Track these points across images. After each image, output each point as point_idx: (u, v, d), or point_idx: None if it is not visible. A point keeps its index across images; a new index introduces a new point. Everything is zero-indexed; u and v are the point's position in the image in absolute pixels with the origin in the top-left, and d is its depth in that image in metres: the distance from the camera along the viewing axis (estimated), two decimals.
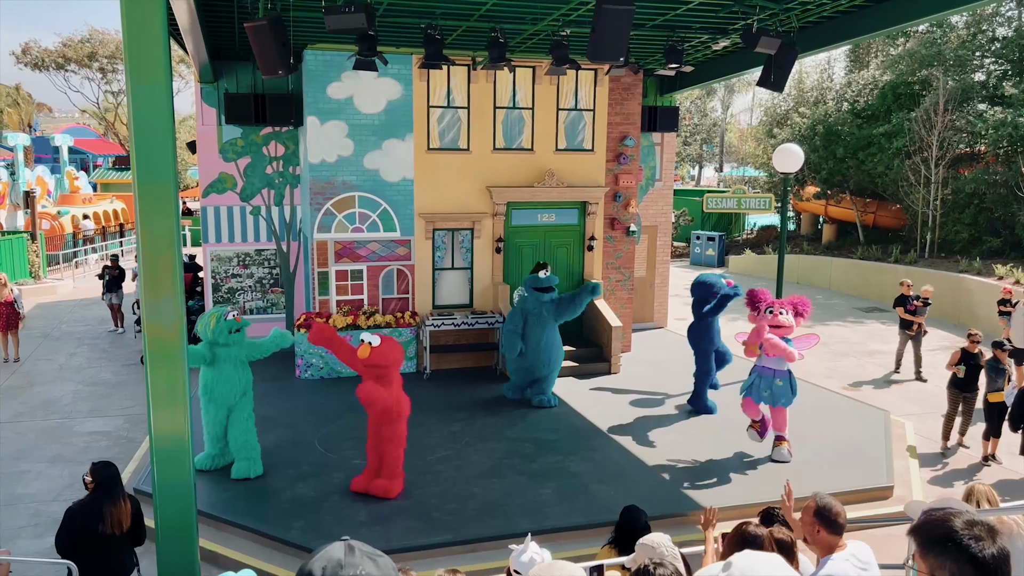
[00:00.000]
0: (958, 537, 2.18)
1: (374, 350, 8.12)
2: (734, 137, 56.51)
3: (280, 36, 8.50)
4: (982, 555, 2.14)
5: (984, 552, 2.14)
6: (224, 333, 8.77)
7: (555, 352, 11.69)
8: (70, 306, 20.61)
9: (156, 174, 5.11)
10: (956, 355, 10.75)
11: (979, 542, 2.16)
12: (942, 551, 2.20)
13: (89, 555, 5.54)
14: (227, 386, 8.87)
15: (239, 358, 8.95)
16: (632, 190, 14.74)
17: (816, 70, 30.87)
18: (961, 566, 2.15)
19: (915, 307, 13.89)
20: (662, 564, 3.24)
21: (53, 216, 28.95)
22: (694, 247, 30.36)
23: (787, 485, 4.77)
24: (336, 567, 1.77)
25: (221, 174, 14.10)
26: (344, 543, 1.85)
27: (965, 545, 2.16)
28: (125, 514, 5.60)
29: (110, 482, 5.61)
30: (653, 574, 3.18)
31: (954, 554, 2.17)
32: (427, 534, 7.79)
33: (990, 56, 23.81)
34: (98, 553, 5.56)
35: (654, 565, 3.24)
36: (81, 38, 49.62)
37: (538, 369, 11.66)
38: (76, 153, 44.36)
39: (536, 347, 11.57)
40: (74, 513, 5.60)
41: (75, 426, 11.30)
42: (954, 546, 2.17)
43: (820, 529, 4.05)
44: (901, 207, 24.34)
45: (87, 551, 5.54)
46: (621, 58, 8.76)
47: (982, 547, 2.15)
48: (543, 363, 11.61)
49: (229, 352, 8.86)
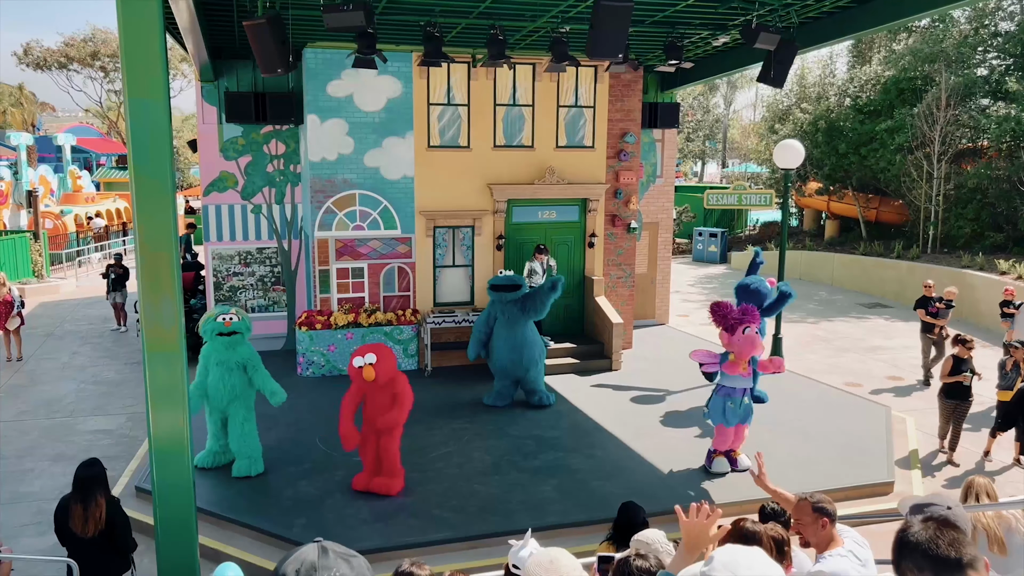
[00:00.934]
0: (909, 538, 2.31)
1: (377, 366, 8.07)
2: (737, 133, 56.41)
3: (279, 35, 8.51)
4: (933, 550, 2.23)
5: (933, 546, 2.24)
6: (208, 333, 8.68)
7: (529, 351, 11.29)
8: (73, 305, 20.67)
9: (153, 173, 5.13)
10: (948, 363, 10.16)
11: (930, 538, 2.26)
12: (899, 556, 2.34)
13: (69, 551, 5.60)
14: (215, 390, 8.83)
15: (229, 363, 8.76)
16: (633, 187, 14.73)
17: (818, 65, 30.79)
18: (916, 561, 2.26)
19: (937, 309, 13.18)
20: (643, 556, 3.23)
21: (56, 215, 29.02)
22: (696, 243, 30.34)
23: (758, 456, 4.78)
24: (310, 569, 1.76)
25: (222, 172, 14.12)
26: (317, 544, 1.84)
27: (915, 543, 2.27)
28: (89, 519, 5.48)
29: (78, 483, 5.56)
30: (632, 565, 3.16)
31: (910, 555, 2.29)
32: (428, 531, 7.81)
33: (993, 51, 23.74)
34: (73, 551, 5.58)
35: (635, 556, 3.22)
36: (84, 37, 49.70)
37: (515, 370, 11.37)
38: (79, 152, 44.42)
39: (508, 347, 11.26)
40: (58, 506, 5.67)
41: (77, 424, 11.34)
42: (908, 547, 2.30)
43: (825, 523, 4.07)
44: (903, 203, 24.29)
45: (67, 546, 5.61)
46: (620, 55, 8.77)
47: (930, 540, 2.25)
48: (516, 363, 11.29)
49: (219, 355, 8.74)
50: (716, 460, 9.20)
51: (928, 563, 2.22)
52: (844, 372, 14.25)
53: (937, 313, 13.17)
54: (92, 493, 5.53)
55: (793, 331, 16.78)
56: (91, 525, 5.50)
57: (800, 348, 15.76)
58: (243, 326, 8.87)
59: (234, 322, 8.79)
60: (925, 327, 13.36)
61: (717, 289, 23.38)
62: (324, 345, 12.81)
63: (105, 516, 5.55)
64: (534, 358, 11.38)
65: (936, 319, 13.16)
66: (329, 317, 12.85)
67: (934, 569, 2.21)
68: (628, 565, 3.15)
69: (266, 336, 14.43)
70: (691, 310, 19.64)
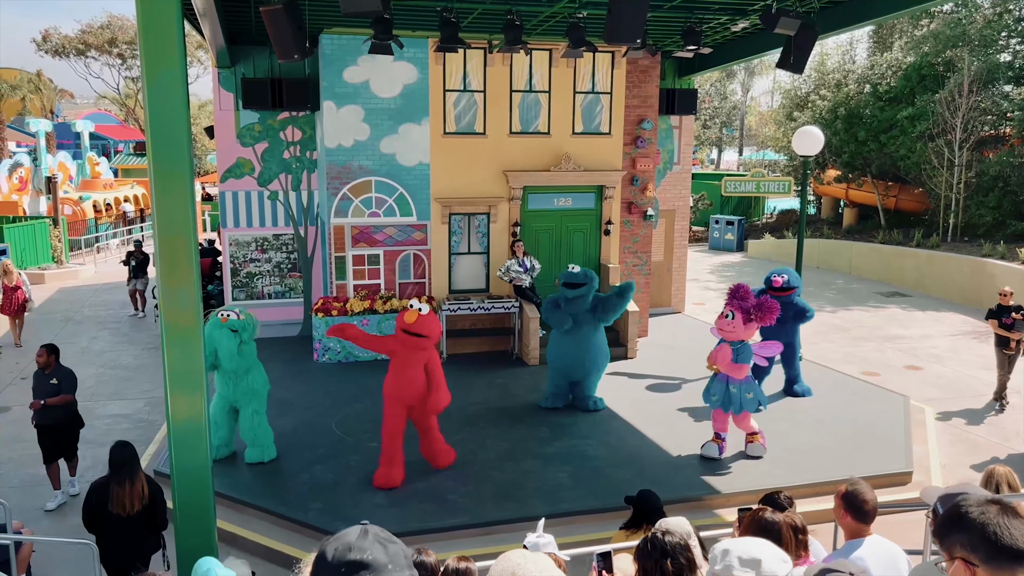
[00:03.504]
0: (970, 514, 2.20)
1: (421, 317, 8.13)
2: (754, 120, 55.93)
3: (296, 20, 8.49)
4: (997, 534, 2.14)
5: (998, 530, 2.15)
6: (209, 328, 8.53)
7: (593, 355, 10.74)
8: (92, 290, 20.85)
9: (172, 160, 5.14)
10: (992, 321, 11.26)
11: (997, 522, 2.16)
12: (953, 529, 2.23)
13: (103, 533, 5.78)
14: (219, 383, 8.96)
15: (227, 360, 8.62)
16: (649, 174, 14.64)
17: (837, 52, 30.43)
18: (971, 537, 2.17)
19: (1012, 320, 11.41)
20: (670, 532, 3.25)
21: (75, 202, 29.25)
22: (713, 231, 30.15)
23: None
24: (345, 550, 1.82)
25: (239, 159, 14.16)
26: (361, 527, 1.89)
27: (978, 523, 2.17)
28: (134, 496, 5.69)
29: (119, 463, 5.74)
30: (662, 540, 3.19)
31: (967, 530, 2.19)
32: (443, 517, 7.83)
33: (1016, 36, 23.35)
34: (110, 532, 5.75)
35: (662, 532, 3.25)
36: (101, 24, 49.91)
37: (573, 372, 10.80)
38: (97, 139, 44.68)
39: (572, 348, 10.68)
40: (91, 491, 5.84)
41: (97, 409, 11.45)
42: (966, 522, 2.20)
43: (845, 514, 4.03)
44: (924, 190, 24.00)
45: (100, 529, 5.78)
46: (638, 40, 8.71)
47: (997, 525, 2.16)
48: (578, 365, 10.72)
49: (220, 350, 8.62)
50: (707, 445, 9.25)
51: (985, 545, 2.14)
52: (861, 361, 14.15)
53: (1013, 325, 11.37)
54: (134, 470, 5.75)
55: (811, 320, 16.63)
56: (136, 502, 5.69)
57: (817, 337, 15.66)
58: (239, 324, 8.66)
59: (230, 319, 8.67)
60: (1000, 341, 11.60)
61: (734, 277, 23.23)
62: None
63: (148, 491, 5.78)
64: (598, 363, 10.89)
65: (1011, 332, 11.37)
66: (345, 304, 12.88)
67: (991, 552, 2.13)
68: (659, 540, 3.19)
69: (283, 322, 14.51)
70: (707, 298, 19.55)
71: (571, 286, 10.52)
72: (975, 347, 15.11)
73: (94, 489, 5.82)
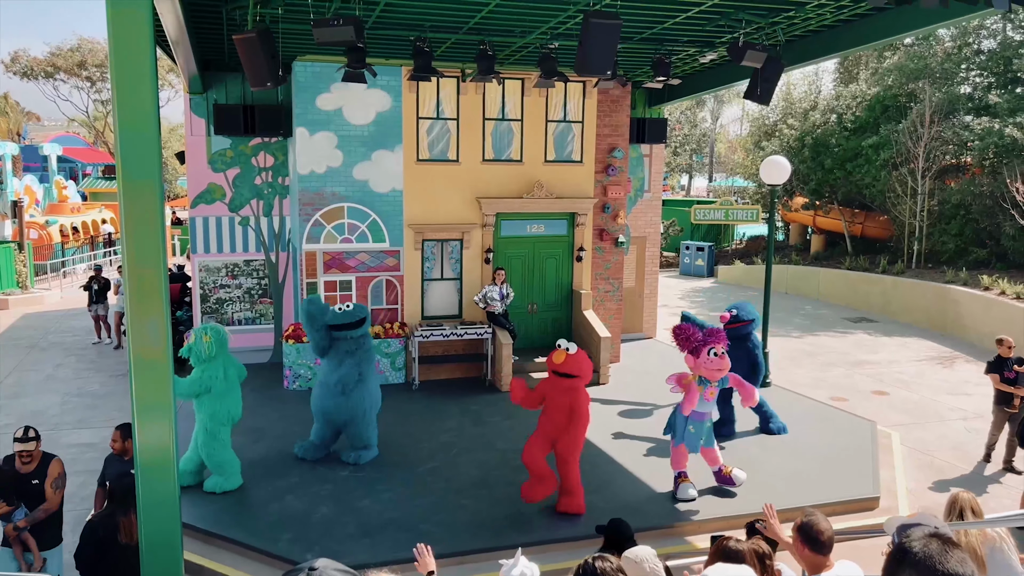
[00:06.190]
0: (913, 551, 2.25)
1: (570, 357, 8.11)
2: (723, 148, 56.80)
3: (269, 48, 8.52)
4: (942, 565, 2.19)
5: (942, 560, 2.19)
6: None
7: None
8: (57, 316, 20.50)
9: (142, 185, 5.11)
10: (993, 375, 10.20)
11: (938, 553, 2.21)
12: (898, 568, 2.28)
13: (111, 566, 5.68)
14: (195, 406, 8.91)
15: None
16: (621, 201, 14.81)
17: (804, 81, 31.12)
18: (917, 572, 2.21)
19: (1016, 373, 10.09)
20: (605, 558, 3.27)
21: (41, 226, 28.84)
22: (683, 257, 30.48)
23: (767, 507, 4.76)
24: None
25: (210, 184, 14.08)
26: (307, 566, 1.86)
27: (920, 557, 2.22)
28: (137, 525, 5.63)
29: (123, 493, 5.70)
30: (592, 565, 3.21)
31: (911, 569, 2.23)
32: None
33: (975, 68, 24.08)
34: (118, 563, 5.65)
35: (596, 557, 3.27)
36: (70, 47, 49.54)
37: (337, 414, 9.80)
38: (65, 162, 44.15)
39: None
40: (95, 525, 5.76)
41: (62, 438, 11.22)
42: (910, 562, 2.24)
43: (803, 546, 4.06)
44: (888, 218, 24.53)
45: (109, 562, 5.68)
46: (608, 71, 8.81)
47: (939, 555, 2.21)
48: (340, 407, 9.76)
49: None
50: (682, 486, 8.84)
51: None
52: (830, 386, 14.33)
53: (1016, 378, 10.10)
54: (132, 502, 5.65)
55: (779, 345, 16.86)
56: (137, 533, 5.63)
57: (786, 362, 15.84)
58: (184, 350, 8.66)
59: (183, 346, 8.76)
60: (1001, 398, 10.26)
61: (704, 303, 23.48)
62: (311, 358, 12.76)
63: None
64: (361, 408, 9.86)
65: (1015, 387, 10.08)
66: None
67: None
68: (591, 566, 3.20)
69: (252, 349, 14.36)
70: None
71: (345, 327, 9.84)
72: (940, 372, 15.39)
73: (98, 524, 5.74)
